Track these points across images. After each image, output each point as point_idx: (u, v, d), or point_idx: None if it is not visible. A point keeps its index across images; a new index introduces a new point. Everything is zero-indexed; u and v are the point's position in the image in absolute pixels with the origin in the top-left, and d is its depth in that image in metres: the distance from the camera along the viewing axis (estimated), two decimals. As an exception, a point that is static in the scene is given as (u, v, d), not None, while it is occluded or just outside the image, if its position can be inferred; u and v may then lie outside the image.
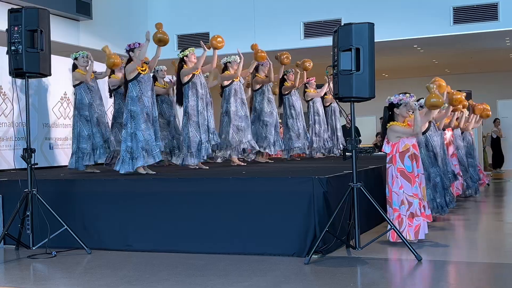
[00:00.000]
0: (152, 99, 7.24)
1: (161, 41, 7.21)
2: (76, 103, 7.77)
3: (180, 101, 7.99)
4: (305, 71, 9.93)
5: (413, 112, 6.08)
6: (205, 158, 7.93)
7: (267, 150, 9.34)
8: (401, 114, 6.08)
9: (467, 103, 9.40)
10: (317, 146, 10.71)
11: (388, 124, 6.12)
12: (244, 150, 8.74)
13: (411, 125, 6.10)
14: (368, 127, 18.30)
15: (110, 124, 8.31)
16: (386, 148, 6.10)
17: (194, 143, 7.80)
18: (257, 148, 8.86)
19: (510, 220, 8.34)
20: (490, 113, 11.01)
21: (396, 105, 6.08)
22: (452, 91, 7.92)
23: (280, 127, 10.40)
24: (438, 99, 6.08)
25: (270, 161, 9.63)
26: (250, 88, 9.41)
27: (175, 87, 8.43)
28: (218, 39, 8.07)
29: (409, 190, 5.99)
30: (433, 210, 7.02)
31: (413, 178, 6.00)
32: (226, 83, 8.63)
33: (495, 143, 17.28)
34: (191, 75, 7.86)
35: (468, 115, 9.94)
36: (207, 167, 8.07)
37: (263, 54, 8.95)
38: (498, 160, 17.25)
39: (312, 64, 9.87)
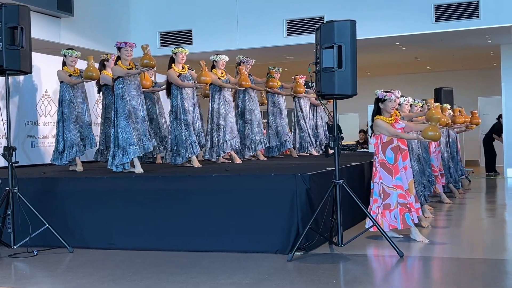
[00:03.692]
0: (138, 98, 7.27)
1: (147, 66, 7.23)
2: (59, 100, 7.83)
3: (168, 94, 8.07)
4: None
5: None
6: (191, 156, 7.89)
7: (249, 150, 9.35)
8: (385, 109, 6.11)
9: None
10: (305, 143, 10.72)
11: (375, 118, 6.16)
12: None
13: (398, 121, 6.16)
14: (350, 124, 18.39)
15: (100, 121, 8.50)
16: (372, 140, 6.17)
17: (181, 142, 7.79)
18: (237, 146, 8.81)
19: (489, 216, 8.42)
20: (480, 120, 11.02)
21: (381, 99, 6.12)
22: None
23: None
24: (435, 132, 6.00)
25: (253, 158, 9.65)
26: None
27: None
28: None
29: (389, 182, 6.02)
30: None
31: (395, 170, 6.03)
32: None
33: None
34: (177, 74, 7.85)
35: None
36: (191, 165, 8.07)
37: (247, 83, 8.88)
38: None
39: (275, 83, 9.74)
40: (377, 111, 6.17)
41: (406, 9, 11.90)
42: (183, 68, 7.94)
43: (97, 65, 8.27)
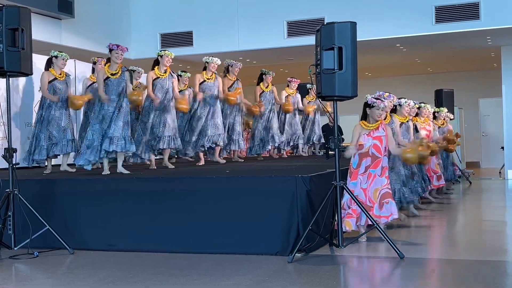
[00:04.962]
0: (118, 103, 7.16)
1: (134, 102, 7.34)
2: (40, 102, 7.80)
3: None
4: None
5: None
6: (143, 158, 8.07)
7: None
8: (371, 115, 6.10)
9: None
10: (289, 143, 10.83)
11: (359, 122, 6.18)
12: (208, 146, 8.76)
13: (380, 127, 6.10)
14: (351, 126, 18.38)
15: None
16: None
17: (138, 142, 7.89)
18: (220, 143, 8.86)
19: (490, 218, 8.42)
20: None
21: (369, 105, 6.10)
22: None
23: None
24: (414, 154, 6.03)
25: (240, 159, 9.76)
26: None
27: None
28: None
29: (348, 185, 6.02)
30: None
31: (354, 174, 6.03)
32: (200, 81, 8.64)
33: None
34: (155, 77, 7.94)
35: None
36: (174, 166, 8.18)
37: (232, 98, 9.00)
38: None
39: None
40: (363, 116, 6.15)
41: (407, 10, 11.91)
42: (165, 72, 7.97)
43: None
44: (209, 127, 8.65)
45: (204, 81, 8.64)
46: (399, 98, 7.49)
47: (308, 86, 11.25)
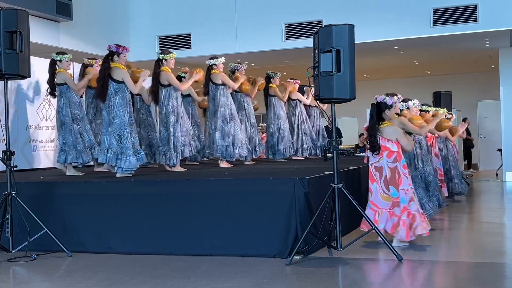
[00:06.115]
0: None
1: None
2: (64, 102, 7.71)
3: (156, 99, 7.95)
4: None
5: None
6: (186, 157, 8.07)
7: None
8: (390, 116, 6.08)
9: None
10: (307, 146, 10.79)
11: (399, 117, 6.14)
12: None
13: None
14: (349, 128, 18.39)
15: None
16: (393, 146, 5.98)
17: (180, 143, 7.83)
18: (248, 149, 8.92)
19: (488, 220, 8.42)
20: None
21: (389, 106, 6.07)
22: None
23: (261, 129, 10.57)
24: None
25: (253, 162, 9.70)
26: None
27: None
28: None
29: (407, 186, 5.98)
30: (425, 211, 6.87)
31: (402, 177, 6.00)
32: (219, 82, 8.59)
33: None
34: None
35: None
36: (185, 169, 8.12)
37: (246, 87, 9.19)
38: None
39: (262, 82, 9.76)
40: (380, 117, 6.07)
41: (405, 13, 11.91)
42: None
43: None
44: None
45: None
46: (404, 101, 7.45)
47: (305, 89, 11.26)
